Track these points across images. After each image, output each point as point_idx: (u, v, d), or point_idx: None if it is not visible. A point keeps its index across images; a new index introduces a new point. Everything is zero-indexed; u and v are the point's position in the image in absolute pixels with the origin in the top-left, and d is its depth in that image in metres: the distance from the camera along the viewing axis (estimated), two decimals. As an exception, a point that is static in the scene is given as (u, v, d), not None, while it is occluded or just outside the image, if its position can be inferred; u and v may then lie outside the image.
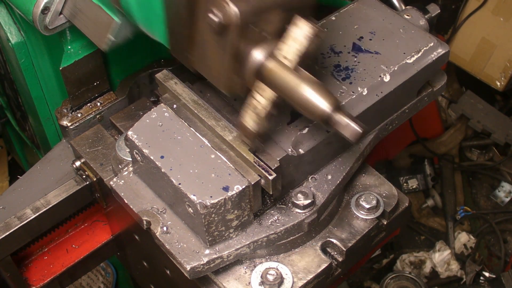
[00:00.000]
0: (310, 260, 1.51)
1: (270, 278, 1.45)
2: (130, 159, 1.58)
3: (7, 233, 1.71)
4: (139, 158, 1.49)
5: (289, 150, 1.45)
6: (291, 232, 1.49)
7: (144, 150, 1.45)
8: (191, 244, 1.44)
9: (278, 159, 1.41)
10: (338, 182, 1.55)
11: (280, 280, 1.45)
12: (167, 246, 1.44)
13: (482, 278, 3.70)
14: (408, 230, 4.03)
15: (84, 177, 1.78)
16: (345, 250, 1.52)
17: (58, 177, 1.83)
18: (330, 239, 1.55)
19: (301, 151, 1.47)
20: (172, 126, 1.49)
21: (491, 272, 3.75)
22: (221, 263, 1.45)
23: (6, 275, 1.82)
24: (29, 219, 1.73)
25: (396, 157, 4.17)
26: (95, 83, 1.83)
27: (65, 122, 1.82)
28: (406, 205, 1.65)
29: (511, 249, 3.93)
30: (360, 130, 1.25)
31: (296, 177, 1.51)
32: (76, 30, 1.69)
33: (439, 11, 1.86)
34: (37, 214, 1.74)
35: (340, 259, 1.54)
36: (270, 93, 1.32)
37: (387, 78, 1.60)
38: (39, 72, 1.91)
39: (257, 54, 1.30)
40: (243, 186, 1.38)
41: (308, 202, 1.48)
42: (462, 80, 4.27)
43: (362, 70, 1.61)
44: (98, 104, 1.86)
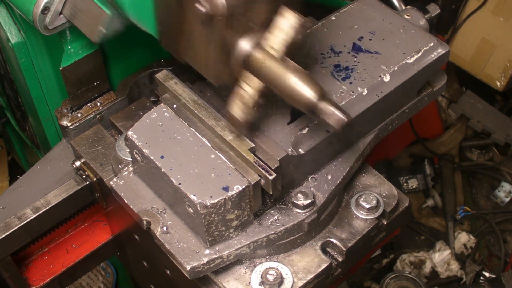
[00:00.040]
0: (310, 260, 1.51)
1: (270, 278, 1.45)
2: (130, 159, 1.58)
3: (7, 233, 1.70)
4: (139, 158, 1.49)
5: (289, 150, 1.45)
6: (291, 232, 1.49)
7: (144, 150, 1.45)
8: (191, 244, 1.44)
9: (278, 159, 1.41)
10: (338, 182, 1.55)
11: (280, 280, 1.45)
12: (167, 246, 1.44)
13: (482, 278, 3.69)
14: (408, 230, 4.02)
15: (84, 177, 1.78)
16: (345, 250, 1.52)
17: (58, 177, 1.83)
18: (330, 239, 1.55)
19: (301, 151, 1.47)
20: (172, 126, 1.49)
21: (491, 272, 3.75)
22: (221, 263, 1.45)
23: (6, 275, 1.82)
24: (29, 219, 1.73)
25: (396, 157, 4.16)
26: (95, 83, 1.83)
27: (65, 122, 1.82)
28: (406, 205, 1.65)
29: (511, 249, 3.92)
30: (344, 118, 1.28)
31: (296, 177, 1.51)
32: (76, 30, 1.68)
33: (439, 11, 1.86)
34: (37, 214, 1.73)
35: (340, 259, 1.54)
36: (257, 82, 1.34)
37: (387, 78, 1.60)
38: (39, 72, 1.91)
39: (244, 44, 1.32)
40: (243, 186, 1.38)
41: (308, 202, 1.48)
42: (462, 80, 4.26)
43: (362, 70, 1.61)
44: (98, 104, 1.86)
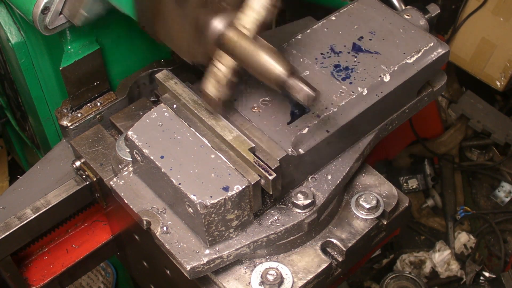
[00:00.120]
0: (310, 260, 1.51)
1: (270, 278, 1.45)
2: (130, 159, 1.58)
3: (7, 233, 1.71)
4: (139, 158, 1.49)
5: (289, 150, 1.45)
6: (291, 232, 1.49)
7: (144, 150, 1.45)
8: (191, 244, 1.44)
9: (278, 159, 1.41)
10: (338, 182, 1.55)
11: (280, 280, 1.45)
12: (167, 246, 1.43)
13: (482, 278, 3.69)
14: (408, 230, 4.02)
15: (84, 177, 1.78)
16: (345, 250, 1.52)
17: (58, 177, 1.83)
18: (330, 239, 1.55)
19: (301, 151, 1.47)
20: (172, 126, 1.49)
21: (491, 272, 3.75)
22: (221, 263, 1.45)
23: (6, 275, 1.82)
24: (29, 219, 1.73)
25: (396, 157, 4.16)
26: (95, 83, 1.83)
27: (65, 122, 1.82)
28: (406, 205, 1.65)
29: (511, 249, 3.92)
30: (313, 94, 1.31)
31: (296, 177, 1.51)
32: (76, 30, 1.69)
33: (439, 11, 1.86)
34: (37, 214, 1.73)
35: (340, 259, 1.54)
36: (230, 61, 1.38)
37: (387, 78, 1.60)
38: (39, 72, 1.91)
39: (217, 24, 1.35)
40: (243, 186, 1.38)
41: (308, 202, 1.48)
42: (462, 80, 4.26)
43: (362, 70, 1.61)
44: (98, 104, 1.86)
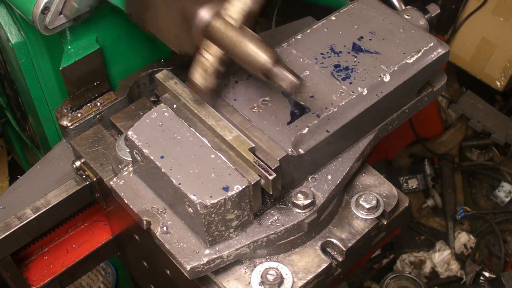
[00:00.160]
0: (310, 260, 1.51)
1: (270, 278, 1.45)
2: (130, 159, 1.58)
3: (7, 233, 1.71)
4: (139, 158, 1.49)
5: (289, 150, 1.45)
6: (291, 232, 1.49)
7: (144, 150, 1.45)
8: (191, 244, 1.44)
9: (278, 159, 1.41)
10: (338, 182, 1.55)
11: (280, 280, 1.45)
12: (167, 246, 1.43)
13: (482, 278, 3.69)
14: (408, 230, 4.02)
15: (84, 177, 1.78)
16: (345, 250, 1.52)
17: (58, 177, 1.83)
18: (330, 239, 1.55)
19: (301, 151, 1.47)
20: (172, 126, 1.49)
21: (491, 272, 3.75)
22: (221, 263, 1.45)
23: (6, 275, 1.82)
24: (29, 219, 1.73)
25: (396, 157, 4.16)
26: (95, 83, 1.83)
27: (65, 122, 1.82)
28: (406, 205, 1.64)
29: (511, 249, 3.92)
30: (297, 82, 1.34)
31: (296, 177, 1.51)
32: (76, 30, 1.69)
33: (439, 11, 1.86)
34: (37, 214, 1.73)
35: (340, 259, 1.54)
36: (217, 50, 1.40)
37: (387, 78, 1.60)
38: (39, 72, 1.91)
39: (204, 14, 1.38)
40: (243, 186, 1.38)
41: (308, 202, 1.48)
42: (462, 80, 4.26)
43: (362, 70, 1.61)
44: (98, 104, 1.86)
